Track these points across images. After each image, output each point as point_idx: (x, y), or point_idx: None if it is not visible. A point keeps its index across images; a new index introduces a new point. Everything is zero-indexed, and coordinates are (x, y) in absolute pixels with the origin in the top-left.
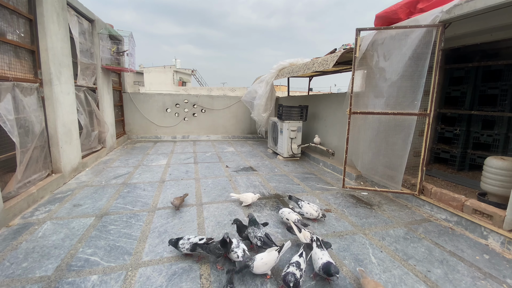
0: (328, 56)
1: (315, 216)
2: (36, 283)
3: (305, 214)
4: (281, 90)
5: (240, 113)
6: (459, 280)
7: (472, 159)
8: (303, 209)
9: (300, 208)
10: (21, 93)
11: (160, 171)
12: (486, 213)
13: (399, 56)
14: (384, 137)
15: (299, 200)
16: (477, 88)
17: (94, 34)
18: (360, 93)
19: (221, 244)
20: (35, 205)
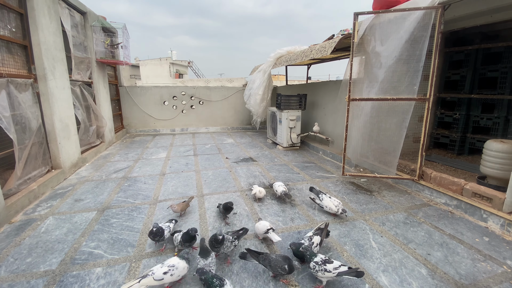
0: (326, 43)
1: (334, 211)
2: (41, 277)
3: (324, 208)
4: (279, 79)
5: (238, 104)
6: (459, 262)
7: (471, 143)
8: (323, 202)
9: (321, 201)
10: (15, 89)
11: (160, 164)
12: (485, 196)
13: (396, 40)
14: (379, 123)
15: (320, 193)
16: (477, 71)
17: (86, 27)
18: (357, 79)
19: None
20: (36, 201)
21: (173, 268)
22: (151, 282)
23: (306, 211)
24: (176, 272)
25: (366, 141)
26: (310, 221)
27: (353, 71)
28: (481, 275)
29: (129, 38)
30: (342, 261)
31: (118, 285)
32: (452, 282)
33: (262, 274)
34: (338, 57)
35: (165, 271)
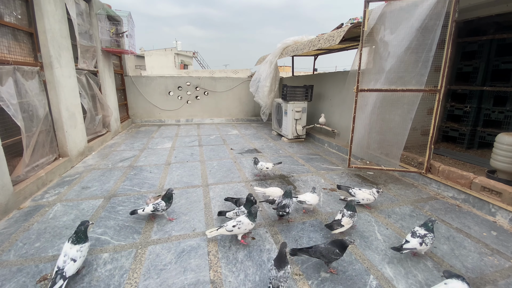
0: (334, 32)
1: (373, 200)
2: (49, 262)
3: (361, 201)
4: (285, 70)
5: (243, 95)
6: (465, 256)
7: (482, 136)
8: (357, 196)
9: (354, 196)
10: (22, 77)
11: (166, 154)
12: (495, 190)
13: (406, 28)
14: (383, 114)
15: (349, 188)
16: (490, 63)
17: (92, 15)
18: (365, 70)
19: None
20: (44, 188)
21: (240, 223)
22: (224, 232)
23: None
24: (242, 226)
25: (370, 133)
26: (314, 212)
27: (362, 61)
28: (488, 269)
29: (134, 27)
30: (347, 252)
31: (124, 270)
32: None
33: (267, 262)
34: (346, 47)
35: (234, 225)
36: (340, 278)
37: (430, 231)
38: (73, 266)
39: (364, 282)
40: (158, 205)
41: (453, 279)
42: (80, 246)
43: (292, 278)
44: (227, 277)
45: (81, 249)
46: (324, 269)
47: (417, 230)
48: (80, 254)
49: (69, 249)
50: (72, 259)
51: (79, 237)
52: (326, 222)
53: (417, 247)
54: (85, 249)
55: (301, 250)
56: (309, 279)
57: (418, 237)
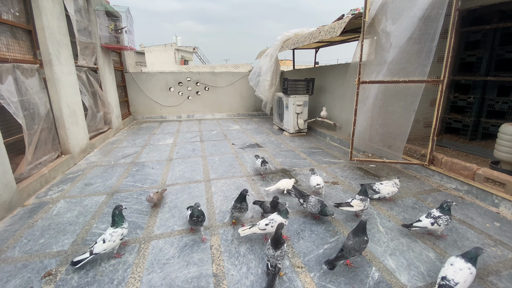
0: (335, 23)
1: (397, 191)
2: (53, 257)
3: (387, 196)
4: (286, 64)
5: (244, 90)
6: (468, 247)
7: (485, 127)
8: (382, 192)
9: (379, 192)
10: (22, 74)
11: (167, 150)
12: (498, 181)
13: (408, 18)
14: (385, 106)
15: (373, 185)
16: (494, 52)
17: (90, 11)
18: (367, 61)
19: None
20: (48, 185)
21: (273, 221)
22: (257, 230)
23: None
24: (275, 225)
25: (373, 126)
26: None
27: (363, 53)
28: (491, 259)
29: (133, 22)
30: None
31: (128, 265)
32: None
33: None
34: (347, 39)
35: (267, 223)
36: (342, 270)
37: (446, 213)
38: (101, 246)
39: (366, 274)
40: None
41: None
42: (113, 231)
43: (294, 270)
44: (229, 270)
45: (112, 234)
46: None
47: (433, 211)
48: (110, 238)
49: (108, 230)
50: (103, 239)
51: (114, 221)
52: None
53: (428, 227)
54: (116, 235)
55: (337, 258)
56: (311, 272)
57: (432, 218)
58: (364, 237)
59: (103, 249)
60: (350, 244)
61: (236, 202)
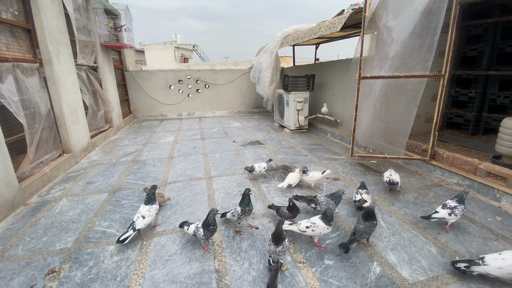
0: (335, 19)
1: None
2: (57, 255)
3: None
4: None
5: (244, 87)
6: (470, 241)
7: (487, 122)
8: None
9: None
10: (22, 74)
11: (168, 147)
12: (500, 175)
13: (409, 12)
14: (387, 102)
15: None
16: (495, 46)
17: (89, 9)
18: (368, 57)
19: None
20: (50, 184)
21: (314, 225)
22: (296, 230)
23: (314, 192)
24: (317, 230)
25: (375, 122)
26: None
27: (364, 48)
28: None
29: (132, 20)
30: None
31: (131, 261)
32: None
33: None
34: (348, 35)
35: (308, 226)
36: (344, 265)
37: (461, 203)
38: (142, 222)
39: (367, 269)
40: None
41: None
42: (150, 207)
43: (296, 266)
44: (231, 266)
45: (149, 209)
46: (328, 257)
47: (448, 202)
48: (148, 214)
49: (142, 208)
50: (142, 216)
51: (149, 199)
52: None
53: (445, 217)
54: (153, 210)
55: (350, 242)
56: (312, 267)
57: (448, 208)
58: (374, 221)
59: (144, 224)
60: (361, 227)
61: (243, 206)
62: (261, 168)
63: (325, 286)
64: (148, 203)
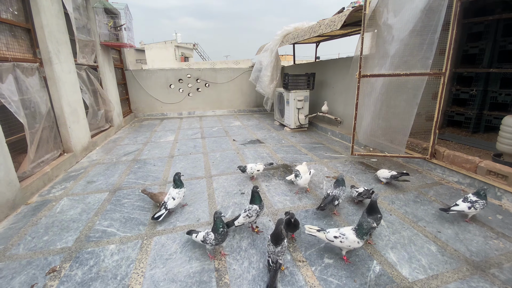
0: (335, 17)
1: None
2: (58, 254)
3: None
4: (286, 59)
5: (245, 86)
6: (470, 240)
7: (488, 120)
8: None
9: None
10: (22, 73)
11: (169, 147)
12: (501, 173)
13: (410, 10)
14: (388, 100)
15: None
16: (496, 44)
17: (88, 8)
18: (368, 55)
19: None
20: (51, 183)
21: (344, 237)
22: (322, 237)
23: (313, 191)
24: (345, 242)
25: (375, 120)
26: (318, 200)
27: (364, 46)
28: (493, 252)
29: (132, 19)
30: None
31: (131, 260)
32: (463, 259)
33: None
34: (348, 33)
35: (336, 236)
36: (343, 263)
37: (482, 198)
38: (172, 202)
39: (367, 268)
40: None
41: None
42: (178, 190)
43: (296, 264)
44: (231, 265)
45: (179, 192)
46: (328, 256)
47: (469, 196)
48: (178, 196)
49: (172, 191)
50: (172, 197)
51: (177, 184)
52: (329, 209)
53: (465, 210)
54: (182, 193)
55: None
56: (312, 265)
57: (469, 202)
58: (377, 214)
59: (174, 205)
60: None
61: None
62: (253, 170)
63: (325, 284)
64: (176, 187)
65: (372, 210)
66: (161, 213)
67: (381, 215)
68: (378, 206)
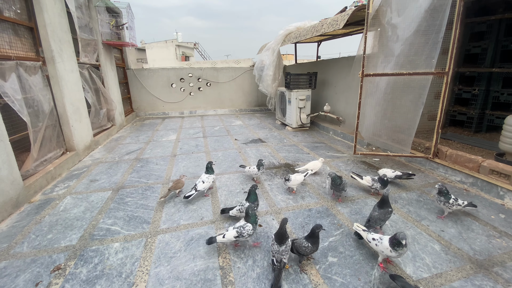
0: (338, 16)
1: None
2: (62, 252)
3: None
4: (288, 59)
5: (246, 85)
6: (473, 239)
7: (490, 120)
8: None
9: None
10: (25, 72)
11: (171, 146)
12: (503, 173)
13: (414, 9)
14: (394, 100)
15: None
16: (499, 43)
17: (91, 7)
18: (371, 54)
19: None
20: (54, 182)
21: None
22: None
23: (316, 190)
24: (380, 246)
25: (380, 119)
26: (321, 199)
27: (367, 45)
28: (496, 251)
29: (133, 18)
30: (354, 237)
31: (136, 258)
32: (466, 258)
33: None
34: (350, 32)
35: (374, 238)
36: (348, 262)
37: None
38: (202, 185)
39: (371, 266)
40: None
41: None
42: (208, 175)
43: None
44: (235, 263)
45: (208, 177)
46: (332, 254)
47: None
48: (207, 180)
49: (203, 176)
50: (202, 181)
51: (208, 170)
52: (332, 209)
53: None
54: (211, 178)
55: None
56: (316, 264)
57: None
58: (388, 208)
59: (203, 188)
60: (376, 215)
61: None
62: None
63: (329, 283)
64: (207, 173)
65: (383, 204)
66: (191, 193)
67: (391, 209)
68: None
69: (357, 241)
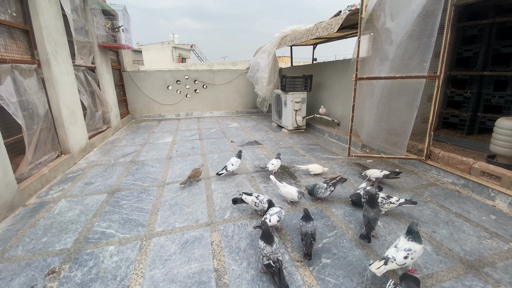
0: (332, 20)
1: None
2: (56, 256)
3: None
4: (284, 61)
5: (242, 87)
6: (464, 240)
7: (482, 122)
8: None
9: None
10: (20, 75)
11: (167, 148)
12: (494, 174)
13: (407, 14)
14: (390, 103)
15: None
16: (490, 47)
17: (86, 10)
18: (366, 58)
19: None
20: (48, 185)
21: (412, 252)
22: (394, 266)
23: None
24: (415, 255)
25: (375, 122)
26: (315, 200)
27: (361, 49)
28: (486, 251)
29: (129, 21)
30: (347, 239)
31: (130, 261)
32: (457, 258)
33: None
34: (345, 35)
35: (406, 256)
36: (341, 263)
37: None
38: (231, 167)
39: (364, 267)
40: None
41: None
42: (236, 159)
43: (294, 264)
44: (230, 265)
45: (237, 161)
46: (325, 256)
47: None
48: (235, 162)
49: (232, 159)
50: (231, 163)
51: (238, 155)
52: (326, 210)
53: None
54: (239, 161)
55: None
56: (310, 265)
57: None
58: (378, 206)
59: (232, 169)
60: (372, 215)
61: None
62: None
63: (322, 284)
64: (237, 157)
65: (374, 202)
66: (222, 171)
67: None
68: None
69: (350, 243)
